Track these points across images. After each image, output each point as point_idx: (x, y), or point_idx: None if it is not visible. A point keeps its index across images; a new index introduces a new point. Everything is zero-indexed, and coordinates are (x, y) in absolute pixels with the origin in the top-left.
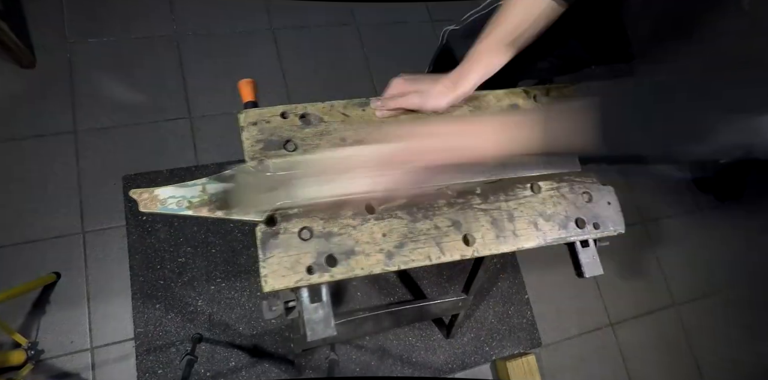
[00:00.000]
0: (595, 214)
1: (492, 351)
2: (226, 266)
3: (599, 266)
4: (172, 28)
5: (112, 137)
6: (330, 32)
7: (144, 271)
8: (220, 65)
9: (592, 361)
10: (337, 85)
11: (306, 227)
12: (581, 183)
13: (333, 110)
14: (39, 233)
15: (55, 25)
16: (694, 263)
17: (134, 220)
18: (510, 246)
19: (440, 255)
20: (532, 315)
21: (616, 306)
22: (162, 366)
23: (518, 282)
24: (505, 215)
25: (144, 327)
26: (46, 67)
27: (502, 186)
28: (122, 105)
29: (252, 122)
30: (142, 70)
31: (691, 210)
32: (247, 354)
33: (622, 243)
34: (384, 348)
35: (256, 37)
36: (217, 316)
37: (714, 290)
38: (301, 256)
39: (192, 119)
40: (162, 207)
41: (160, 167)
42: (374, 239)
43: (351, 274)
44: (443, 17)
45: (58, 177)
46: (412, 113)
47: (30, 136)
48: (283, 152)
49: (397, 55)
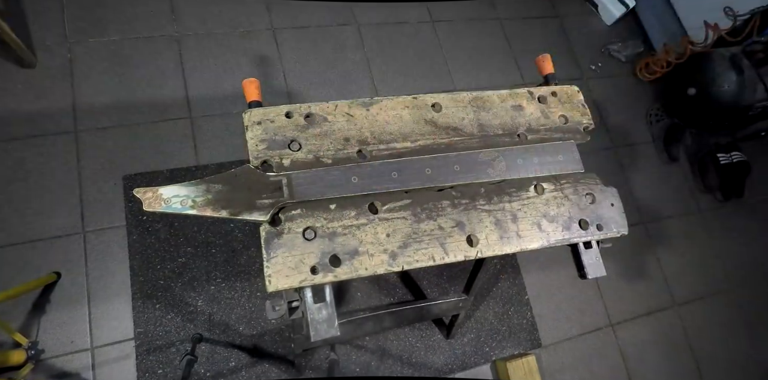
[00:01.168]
0: (599, 215)
1: (492, 351)
2: (227, 267)
3: (602, 268)
4: (172, 28)
5: (113, 136)
6: (330, 32)
7: (144, 271)
8: (220, 65)
9: (592, 361)
10: (337, 85)
11: (310, 227)
12: (585, 184)
13: (337, 110)
14: (39, 233)
15: (55, 25)
16: (694, 263)
17: (134, 220)
18: (514, 247)
19: (444, 256)
20: (532, 316)
21: (617, 306)
22: (162, 366)
23: (518, 283)
24: (509, 216)
25: (144, 327)
26: (47, 66)
27: (506, 187)
28: (122, 105)
29: (256, 122)
30: (142, 70)
31: (692, 211)
32: (247, 354)
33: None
34: (384, 349)
35: (256, 37)
36: (217, 316)
37: (714, 290)
38: (305, 256)
39: (192, 119)
40: (166, 206)
41: (160, 167)
42: (378, 240)
43: (355, 274)
44: (443, 17)
45: (58, 177)
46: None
47: (30, 136)
48: (287, 152)
49: (398, 55)
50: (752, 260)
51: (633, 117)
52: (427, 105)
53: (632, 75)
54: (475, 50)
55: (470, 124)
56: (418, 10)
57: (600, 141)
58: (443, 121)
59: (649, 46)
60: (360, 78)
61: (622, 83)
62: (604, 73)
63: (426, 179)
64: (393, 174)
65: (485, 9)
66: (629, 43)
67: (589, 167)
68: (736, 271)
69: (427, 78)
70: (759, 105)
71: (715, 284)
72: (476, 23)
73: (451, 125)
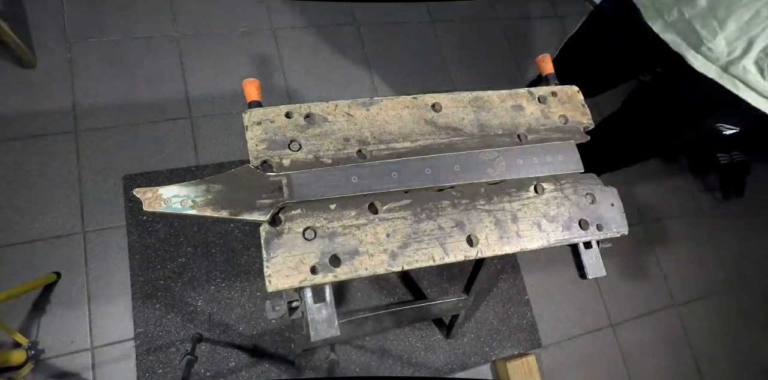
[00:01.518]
0: (599, 215)
1: (492, 351)
2: (226, 267)
3: (602, 268)
4: (172, 28)
5: (113, 136)
6: (330, 32)
7: (144, 271)
8: (220, 65)
9: (592, 362)
10: (337, 85)
11: (310, 227)
12: (585, 184)
13: (337, 110)
14: (39, 232)
15: (55, 25)
16: (694, 263)
17: (134, 220)
18: (514, 247)
19: (444, 256)
20: (532, 316)
21: (617, 306)
22: (162, 366)
23: (518, 283)
24: (509, 216)
25: (144, 326)
26: (47, 66)
27: (506, 187)
28: (122, 105)
29: (256, 122)
30: (142, 70)
31: (692, 210)
32: (247, 354)
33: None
34: (384, 349)
35: (256, 37)
36: (217, 316)
37: (714, 290)
38: (305, 256)
39: (192, 118)
40: (166, 206)
41: (160, 167)
42: (378, 240)
43: (355, 274)
44: (443, 17)
45: (58, 177)
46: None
47: (30, 136)
48: (287, 152)
49: (398, 55)
50: (752, 260)
51: None
52: (427, 105)
53: None
54: (475, 50)
55: (470, 124)
56: (418, 10)
57: None
58: (443, 121)
59: None
60: (360, 78)
61: None
62: None
63: (426, 179)
64: (393, 174)
65: (485, 9)
66: None
67: None
68: (736, 271)
69: (427, 78)
70: None
71: (715, 284)
72: (476, 23)
73: (451, 125)
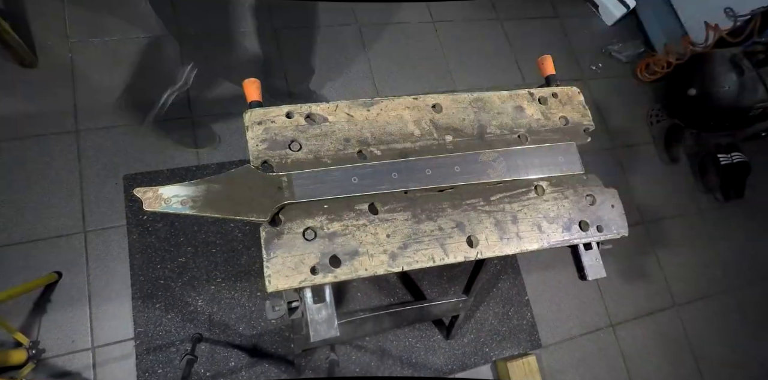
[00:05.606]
0: (599, 217)
1: (492, 351)
2: (227, 266)
3: (602, 269)
4: (173, 28)
5: (113, 136)
6: (331, 32)
7: (144, 271)
8: (220, 65)
9: (592, 362)
10: (337, 85)
11: (310, 228)
12: (585, 186)
13: (338, 110)
14: (40, 232)
15: (56, 25)
16: (694, 263)
17: (135, 219)
18: (513, 248)
19: (444, 257)
20: (533, 316)
21: (617, 306)
22: (162, 366)
23: (518, 283)
24: (509, 217)
25: (144, 326)
26: (48, 66)
27: (506, 188)
28: (123, 105)
29: (257, 122)
30: (143, 69)
31: (692, 211)
32: (247, 354)
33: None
34: (384, 349)
35: (257, 37)
36: (217, 316)
37: (714, 290)
38: (305, 256)
39: (192, 119)
40: (166, 206)
41: (160, 167)
42: (378, 240)
43: (355, 275)
44: (444, 18)
45: (59, 177)
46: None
47: (31, 135)
48: (288, 152)
49: (398, 55)
50: (752, 261)
51: (633, 118)
52: (427, 106)
53: (633, 76)
54: (475, 51)
55: (471, 125)
56: (418, 10)
57: (600, 142)
58: (444, 121)
59: (650, 47)
60: (360, 78)
61: (622, 84)
62: (604, 73)
63: (426, 180)
64: (393, 175)
65: (486, 9)
66: (630, 44)
67: (590, 167)
68: (736, 271)
69: (428, 78)
70: (759, 106)
71: (715, 284)
72: (477, 24)
73: (451, 125)
